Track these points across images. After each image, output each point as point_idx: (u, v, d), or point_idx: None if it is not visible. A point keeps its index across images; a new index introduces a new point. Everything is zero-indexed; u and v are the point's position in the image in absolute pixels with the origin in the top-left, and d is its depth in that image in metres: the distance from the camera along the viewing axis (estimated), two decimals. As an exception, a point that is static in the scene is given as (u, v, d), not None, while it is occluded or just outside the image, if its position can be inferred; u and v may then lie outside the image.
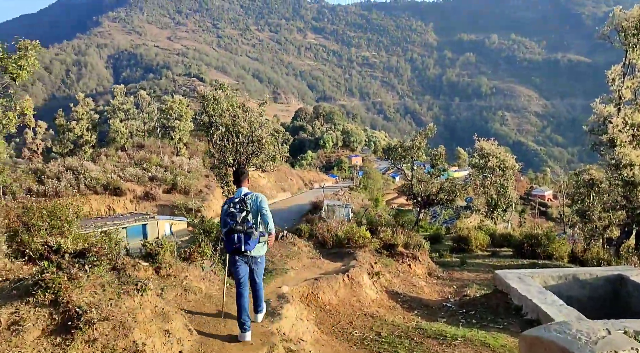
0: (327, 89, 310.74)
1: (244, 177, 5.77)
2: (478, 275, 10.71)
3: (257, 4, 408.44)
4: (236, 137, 14.16)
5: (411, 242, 11.28)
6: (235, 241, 5.28)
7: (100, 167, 38.51)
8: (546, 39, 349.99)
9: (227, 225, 5.37)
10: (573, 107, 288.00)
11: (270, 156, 15.09)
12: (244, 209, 5.36)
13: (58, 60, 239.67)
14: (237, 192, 5.68)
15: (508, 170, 21.81)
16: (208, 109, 14.35)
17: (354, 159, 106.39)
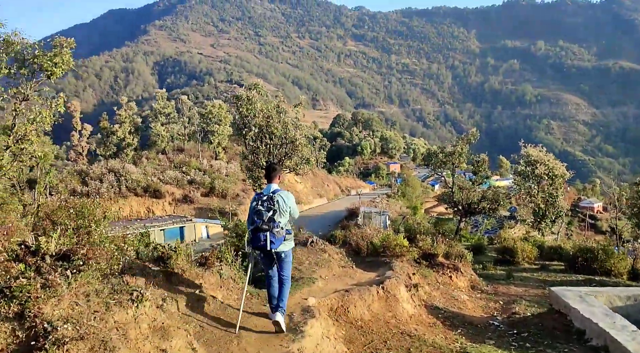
0: (366, 96, 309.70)
1: (276, 173, 5.75)
2: (527, 291, 9.72)
3: (298, 12, 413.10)
4: (269, 139, 13.77)
5: (452, 252, 10.54)
6: (261, 239, 5.29)
7: (140, 170, 39.31)
8: (597, 46, 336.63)
9: (253, 223, 5.37)
10: (625, 116, 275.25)
11: (304, 159, 14.59)
12: (271, 208, 5.36)
13: (107, 67, 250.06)
14: (266, 187, 5.66)
15: (557, 178, 20.43)
16: (241, 110, 14.00)
17: (392, 166, 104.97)
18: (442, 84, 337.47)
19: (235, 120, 14.73)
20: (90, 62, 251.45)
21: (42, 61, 9.85)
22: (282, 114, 13.82)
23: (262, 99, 14.53)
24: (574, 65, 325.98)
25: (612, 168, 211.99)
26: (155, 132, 45.14)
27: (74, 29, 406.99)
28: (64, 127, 54.22)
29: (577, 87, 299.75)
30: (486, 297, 8.98)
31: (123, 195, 36.27)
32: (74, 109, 42.58)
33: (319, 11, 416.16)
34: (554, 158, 21.47)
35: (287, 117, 13.96)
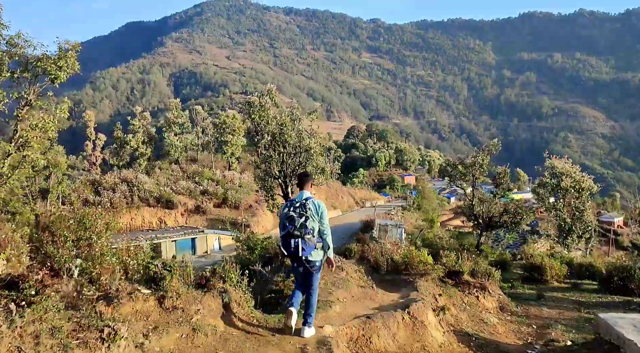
0: (381, 108, 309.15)
1: (308, 180, 5.74)
2: (561, 313, 8.87)
3: (313, 24, 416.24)
4: (283, 147, 13.17)
5: (478, 269, 9.68)
6: (292, 246, 5.25)
7: (153, 180, 39.08)
8: (615, 58, 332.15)
9: (285, 229, 5.33)
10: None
11: (319, 168, 13.91)
12: (303, 214, 5.31)
13: (124, 79, 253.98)
14: (298, 194, 5.63)
15: (584, 191, 19.42)
16: (254, 116, 13.44)
17: (407, 178, 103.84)
18: (458, 96, 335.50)
19: (248, 128, 14.19)
20: (108, 74, 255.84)
21: (46, 64, 9.38)
22: (296, 121, 13.24)
23: (275, 106, 13.99)
24: (591, 77, 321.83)
25: (632, 182, 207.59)
26: (168, 142, 44.97)
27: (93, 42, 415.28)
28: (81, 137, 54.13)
29: (595, 99, 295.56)
30: (517, 320, 8.13)
31: (135, 206, 36.03)
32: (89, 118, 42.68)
33: (334, 23, 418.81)
34: (580, 170, 20.50)
35: (301, 125, 13.37)
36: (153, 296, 5.02)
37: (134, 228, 35.24)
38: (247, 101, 13.62)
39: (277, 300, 7.53)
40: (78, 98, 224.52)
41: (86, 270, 6.30)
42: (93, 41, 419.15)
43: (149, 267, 5.72)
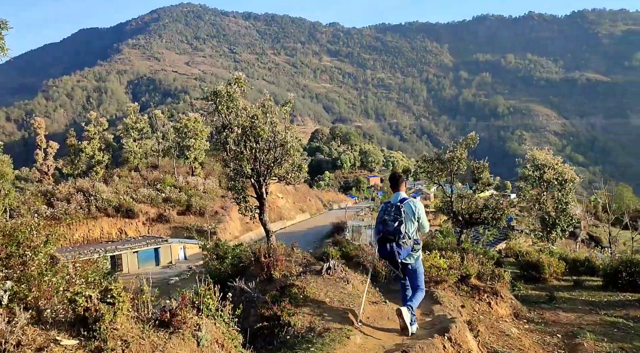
0: (343, 111, 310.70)
1: (402, 180, 5.68)
2: (581, 317, 8.00)
3: (273, 29, 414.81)
4: (255, 142, 11.92)
5: (485, 271, 8.62)
6: (388, 250, 5.24)
7: (112, 189, 37.01)
8: (563, 58, 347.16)
9: (379, 233, 5.30)
10: (593, 126, 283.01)
11: (297, 166, 12.86)
12: (397, 218, 5.23)
13: (79, 87, 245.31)
14: (393, 196, 5.58)
15: (567, 183, 19.21)
16: (220, 108, 12.23)
17: (372, 179, 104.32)
18: (418, 98, 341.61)
19: (214, 123, 12.80)
20: (61, 82, 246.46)
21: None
22: (268, 113, 12.14)
23: (244, 97, 12.84)
24: (542, 77, 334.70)
25: (584, 176, 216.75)
26: (127, 148, 42.85)
27: (44, 49, 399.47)
28: (33, 148, 51.03)
29: (547, 98, 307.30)
30: (537, 328, 7.21)
31: (93, 216, 33.96)
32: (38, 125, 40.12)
33: (294, 28, 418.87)
34: (562, 161, 20.26)
35: (275, 117, 12.30)
36: (82, 350, 3.25)
37: (92, 240, 33.18)
38: (214, 91, 12.36)
39: (272, 330, 5.62)
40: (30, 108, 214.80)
41: (18, 295, 4.63)
42: (44, 49, 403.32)
43: (75, 299, 3.61)
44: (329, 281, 6.96)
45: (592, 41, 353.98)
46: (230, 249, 12.19)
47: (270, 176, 12.54)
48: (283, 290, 6.26)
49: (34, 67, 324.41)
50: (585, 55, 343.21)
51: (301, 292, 6.06)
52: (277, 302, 5.96)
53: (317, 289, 6.38)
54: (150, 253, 31.14)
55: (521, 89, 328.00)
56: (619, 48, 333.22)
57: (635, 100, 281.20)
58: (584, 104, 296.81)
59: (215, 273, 11.14)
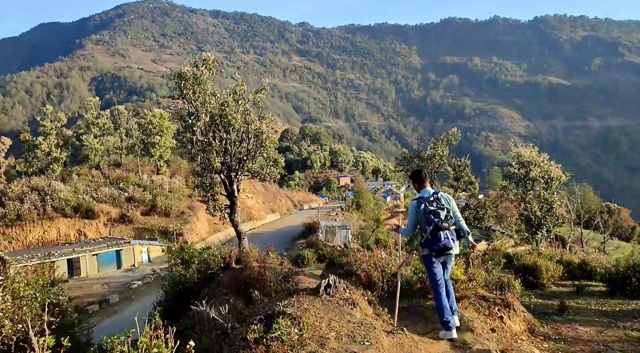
0: (313, 111, 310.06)
1: (427, 176, 5.78)
2: (602, 332, 6.90)
3: (242, 27, 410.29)
4: (225, 132, 10.60)
5: (491, 279, 7.50)
6: (442, 239, 5.21)
7: (70, 188, 34.83)
8: (527, 62, 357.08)
9: (431, 223, 5.24)
10: (554, 128, 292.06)
11: (272, 160, 11.62)
12: (443, 207, 5.30)
13: (39, 83, 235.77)
14: (423, 191, 5.59)
15: (554, 181, 18.66)
16: (186, 92, 10.87)
17: (343, 179, 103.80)
18: (386, 99, 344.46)
19: (178, 112, 11.37)
20: (20, 78, 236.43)
21: None
22: (241, 100, 10.88)
23: (214, 78, 11.54)
24: (507, 80, 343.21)
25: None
26: (87, 145, 40.52)
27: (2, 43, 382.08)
28: None
29: (511, 101, 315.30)
30: (559, 347, 6.09)
31: (49, 217, 31.81)
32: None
33: (263, 26, 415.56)
34: (548, 158, 19.70)
35: (248, 104, 11.06)
36: None
37: (48, 242, 31.07)
38: (178, 73, 11.04)
39: None
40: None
41: None
42: (2, 43, 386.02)
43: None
44: (330, 305, 5.40)
45: (554, 46, 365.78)
46: (197, 253, 10.97)
47: (242, 171, 11.19)
48: (269, 321, 4.40)
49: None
50: (548, 60, 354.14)
51: (296, 324, 4.31)
52: (263, 342, 4.11)
53: (316, 318, 4.72)
54: (112, 256, 29.33)
55: (487, 91, 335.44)
56: (579, 53, 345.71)
57: (593, 104, 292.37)
58: (546, 106, 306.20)
59: (179, 281, 9.93)
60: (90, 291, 24.65)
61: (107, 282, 26.43)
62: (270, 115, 11.98)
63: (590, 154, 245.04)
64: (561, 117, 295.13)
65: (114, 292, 24.38)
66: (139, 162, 43.75)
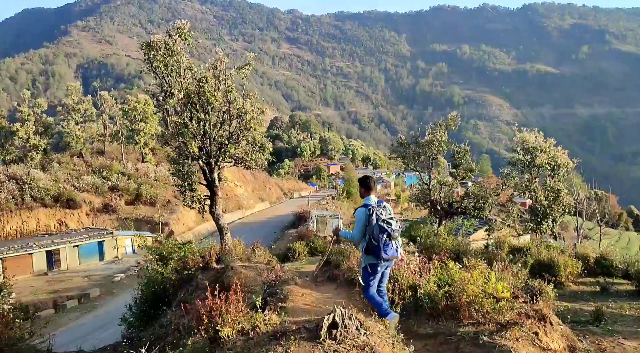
0: (302, 99, 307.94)
1: (375, 185, 5.71)
2: None
3: (230, 15, 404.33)
4: (204, 112, 9.18)
5: (518, 284, 6.12)
6: (394, 248, 5.27)
7: (50, 176, 33.46)
8: (515, 50, 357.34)
9: (384, 232, 5.22)
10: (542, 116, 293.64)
11: (258, 144, 10.50)
12: (392, 216, 5.35)
13: (24, 70, 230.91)
14: (368, 199, 5.52)
15: (561, 168, 17.79)
16: (156, 64, 9.67)
17: (333, 167, 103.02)
18: (376, 87, 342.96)
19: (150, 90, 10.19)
20: (4, 64, 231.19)
21: None
22: (222, 76, 9.70)
23: (189, 50, 10.37)
24: (496, 68, 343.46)
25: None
26: (68, 132, 38.98)
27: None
28: None
29: (500, 89, 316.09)
30: None
31: (27, 207, 30.50)
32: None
33: (252, 14, 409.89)
34: (554, 144, 18.76)
35: (230, 80, 9.89)
36: None
37: (27, 233, 29.80)
38: (147, 43, 9.86)
39: None
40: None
41: None
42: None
43: None
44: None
45: (542, 34, 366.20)
46: (177, 248, 9.92)
47: (224, 157, 9.93)
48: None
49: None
50: (536, 48, 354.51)
51: None
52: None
53: None
54: (94, 247, 28.20)
55: (476, 79, 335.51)
56: (567, 41, 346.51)
57: (581, 92, 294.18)
58: (534, 94, 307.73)
59: (155, 280, 8.93)
60: (70, 284, 23.60)
61: (89, 275, 25.38)
62: (255, 93, 10.82)
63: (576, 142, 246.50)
64: (549, 105, 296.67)
65: (95, 285, 23.36)
66: (124, 150, 42.36)
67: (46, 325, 10.62)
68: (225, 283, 6.63)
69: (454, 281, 5.66)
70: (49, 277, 25.39)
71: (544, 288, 6.28)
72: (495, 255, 8.19)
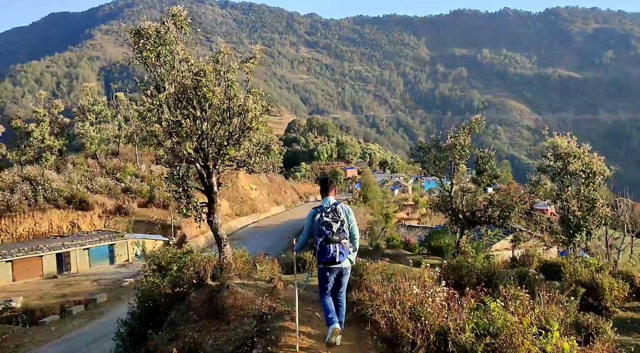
0: (320, 102, 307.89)
1: (333, 185, 5.72)
2: None
3: (250, 18, 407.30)
4: (200, 110, 8.33)
5: (568, 320, 5.07)
6: (331, 251, 5.07)
7: (64, 177, 33.21)
8: (537, 55, 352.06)
9: (322, 235, 5.12)
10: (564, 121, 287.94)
11: (262, 145, 9.39)
12: (337, 219, 5.19)
13: (49, 73, 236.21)
14: (324, 201, 5.49)
15: (597, 176, 16.40)
16: (146, 54, 8.87)
17: (350, 171, 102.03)
18: (394, 91, 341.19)
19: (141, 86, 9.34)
20: (30, 67, 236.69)
21: None
22: (223, 71, 8.81)
23: (187, 41, 9.58)
24: (517, 73, 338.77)
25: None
26: (82, 133, 38.81)
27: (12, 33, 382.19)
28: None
29: (521, 93, 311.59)
30: None
31: (40, 208, 30.23)
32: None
33: (271, 17, 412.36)
34: (589, 150, 17.34)
35: (232, 74, 9.01)
36: None
37: (39, 235, 29.52)
38: (136, 30, 9.09)
39: None
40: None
41: None
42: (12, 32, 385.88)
43: None
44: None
45: (565, 38, 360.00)
46: (176, 258, 9.07)
47: (224, 160, 8.99)
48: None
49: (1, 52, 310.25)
50: (558, 52, 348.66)
51: None
52: None
53: None
54: (104, 250, 27.75)
55: (496, 83, 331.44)
56: (591, 46, 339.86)
57: (604, 97, 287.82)
58: (556, 99, 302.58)
59: (149, 294, 8.11)
60: (78, 289, 23.11)
61: (98, 279, 24.88)
62: (261, 90, 9.94)
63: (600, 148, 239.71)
64: (571, 110, 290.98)
65: (103, 290, 22.81)
66: (138, 152, 42.07)
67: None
68: (219, 305, 5.76)
69: (498, 329, 4.35)
70: (58, 280, 25.00)
71: (601, 324, 5.17)
72: (534, 280, 6.98)
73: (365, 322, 5.22)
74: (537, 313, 4.61)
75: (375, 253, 19.35)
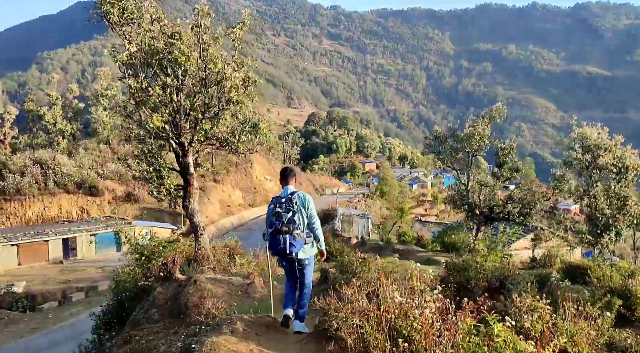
0: (341, 95, 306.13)
1: (292, 175, 5.48)
2: None
3: (273, 10, 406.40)
4: (174, 78, 7.33)
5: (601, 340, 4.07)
6: (280, 243, 4.93)
7: (75, 162, 32.93)
8: (565, 51, 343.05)
9: (272, 226, 5.00)
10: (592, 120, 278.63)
11: (248, 123, 8.11)
12: (290, 209, 5.04)
13: (74, 61, 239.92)
14: (283, 190, 5.31)
15: (630, 171, 14.89)
16: (106, 9, 7.77)
17: (368, 165, 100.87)
18: (417, 85, 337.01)
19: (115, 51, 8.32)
20: (56, 55, 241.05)
21: None
22: (204, 35, 7.80)
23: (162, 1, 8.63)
24: (543, 69, 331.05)
25: None
26: (95, 118, 38.53)
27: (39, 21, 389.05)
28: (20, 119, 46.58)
29: (546, 90, 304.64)
30: None
31: (50, 192, 29.97)
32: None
33: (294, 9, 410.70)
34: (621, 143, 15.81)
35: (219, 41, 7.99)
36: None
37: (48, 219, 29.27)
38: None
39: None
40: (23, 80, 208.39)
41: None
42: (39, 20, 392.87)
43: None
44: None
45: (595, 34, 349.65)
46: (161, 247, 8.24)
47: (199, 136, 8.06)
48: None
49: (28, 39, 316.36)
50: (587, 49, 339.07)
51: None
52: None
53: None
54: (110, 237, 27.29)
55: (521, 80, 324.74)
56: (622, 42, 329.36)
57: (634, 95, 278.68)
58: (584, 97, 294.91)
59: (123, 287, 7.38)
60: (82, 275, 22.69)
61: (103, 266, 24.44)
62: (249, 59, 8.92)
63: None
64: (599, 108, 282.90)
65: (106, 277, 22.30)
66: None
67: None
68: (182, 304, 4.83)
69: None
70: (63, 265, 24.68)
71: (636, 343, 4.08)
72: (557, 286, 5.83)
73: (329, 339, 3.95)
74: (562, 343, 3.43)
75: (385, 249, 18.39)
